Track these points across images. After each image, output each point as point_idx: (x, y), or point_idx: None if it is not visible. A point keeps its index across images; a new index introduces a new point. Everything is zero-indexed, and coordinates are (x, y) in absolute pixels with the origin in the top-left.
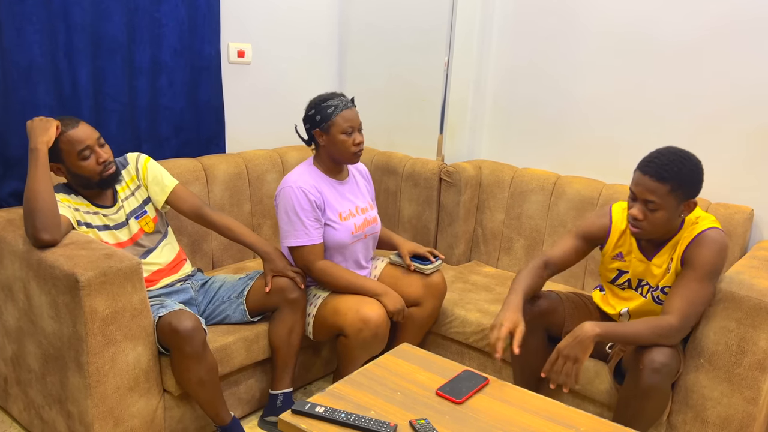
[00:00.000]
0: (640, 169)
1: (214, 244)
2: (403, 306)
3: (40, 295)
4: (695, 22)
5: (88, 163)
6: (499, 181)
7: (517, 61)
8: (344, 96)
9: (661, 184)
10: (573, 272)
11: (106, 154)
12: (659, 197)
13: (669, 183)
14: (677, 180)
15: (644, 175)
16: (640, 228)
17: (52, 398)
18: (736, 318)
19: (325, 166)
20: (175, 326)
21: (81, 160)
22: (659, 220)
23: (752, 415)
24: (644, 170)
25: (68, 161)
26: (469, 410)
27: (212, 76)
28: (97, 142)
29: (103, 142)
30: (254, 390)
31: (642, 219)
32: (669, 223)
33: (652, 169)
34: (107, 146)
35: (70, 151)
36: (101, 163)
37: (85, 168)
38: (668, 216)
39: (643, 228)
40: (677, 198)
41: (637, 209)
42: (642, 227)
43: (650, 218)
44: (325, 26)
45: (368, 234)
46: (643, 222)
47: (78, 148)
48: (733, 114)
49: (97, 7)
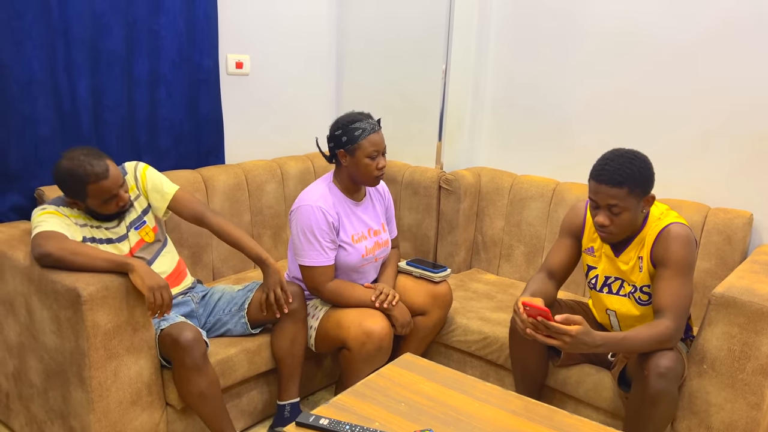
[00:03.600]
0: (594, 179)
1: (214, 255)
2: (410, 319)
3: (42, 309)
4: (693, 25)
5: (110, 206)
6: (498, 188)
7: (515, 68)
8: (372, 118)
9: (619, 188)
10: (574, 279)
11: (126, 197)
12: (620, 200)
13: (626, 185)
14: (632, 180)
15: (600, 183)
16: (608, 233)
17: (54, 413)
18: (739, 323)
19: (344, 186)
20: (175, 337)
21: (103, 204)
22: (625, 222)
23: (756, 421)
24: (599, 179)
25: (91, 203)
26: (474, 420)
27: (211, 88)
28: (120, 187)
29: (123, 181)
30: (257, 402)
31: (609, 224)
32: (634, 221)
33: (606, 176)
34: (126, 185)
35: (96, 198)
36: (121, 206)
37: (105, 209)
38: (632, 215)
39: (611, 233)
40: (636, 196)
41: (603, 216)
42: (610, 232)
43: (616, 222)
44: (323, 36)
45: (378, 257)
46: (610, 227)
47: (104, 197)
48: (732, 118)
49: (97, 21)
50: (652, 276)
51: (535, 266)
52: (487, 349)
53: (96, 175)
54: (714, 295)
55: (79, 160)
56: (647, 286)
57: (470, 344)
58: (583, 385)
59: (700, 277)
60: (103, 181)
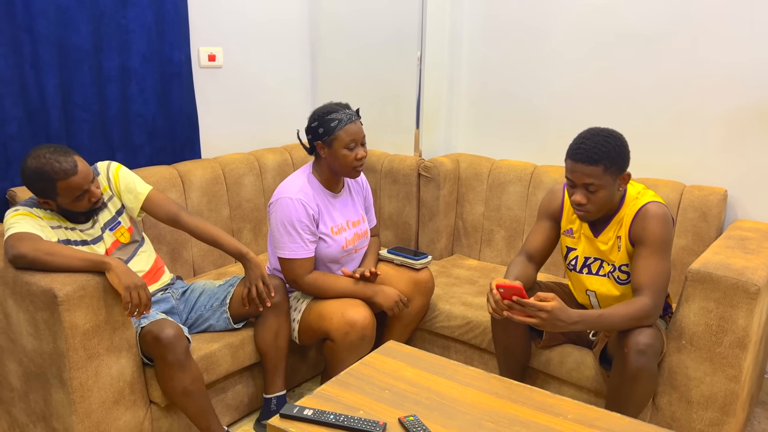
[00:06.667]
0: (570, 158)
1: (194, 251)
2: (398, 297)
3: (18, 312)
4: (665, 6)
5: (81, 203)
6: (477, 173)
7: (489, 54)
8: (349, 108)
9: (595, 166)
10: (554, 260)
11: (98, 192)
12: (596, 178)
13: (601, 163)
14: (608, 159)
15: (576, 162)
16: (586, 211)
17: (36, 416)
18: (715, 298)
19: (323, 177)
20: (156, 335)
21: (75, 201)
22: (601, 200)
23: (735, 393)
24: (575, 158)
25: (62, 202)
26: (458, 404)
27: (183, 81)
28: (91, 183)
29: (93, 177)
30: (242, 395)
31: (586, 203)
32: (611, 199)
33: (582, 155)
34: (96, 180)
35: (67, 196)
36: (93, 202)
37: (77, 206)
38: (609, 193)
39: (588, 211)
40: (612, 174)
41: (580, 195)
42: (587, 210)
43: (593, 200)
44: (296, 26)
45: (358, 248)
46: (587, 205)
47: (76, 194)
48: (705, 97)
49: (62, 16)
50: (630, 255)
51: (516, 250)
52: (470, 333)
53: (64, 172)
54: (690, 271)
55: (46, 158)
56: (626, 266)
57: (453, 329)
58: (565, 365)
59: (677, 254)
60: (72, 177)
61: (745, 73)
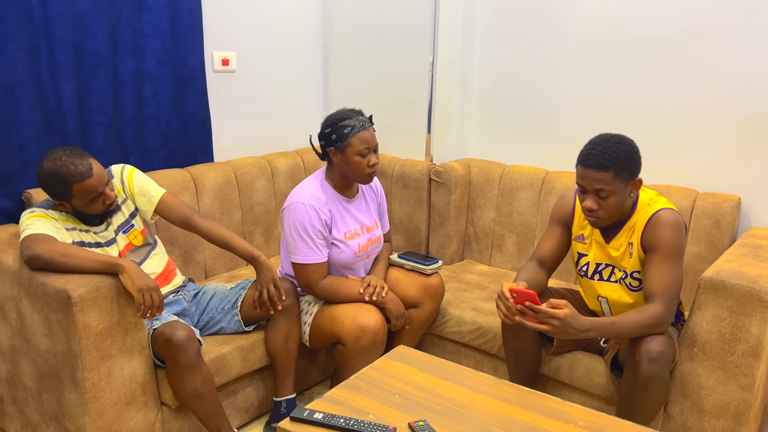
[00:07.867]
0: (581, 164)
1: (206, 254)
2: (403, 311)
3: (33, 312)
4: (678, 12)
5: (96, 206)
6: (488, 179)
7: (502, 59)
8: (362, 114)
9: (605, 172)
10: (565, 266)
11: (113, 195)
12: (607, 184)
13: (612, 169)
14: (618, 164)
15: (587, 168)
16: (597, 217)
17: (49, 416)
18: (728, 306)
19: (336, 183)
20: (168, 336)
21: (90, 204)
22: (612, 206)
23: (748, 402)
24: (586, 164)
25: (77, 204)
26: (467, 409)
27: (197, 85)
28: (106, 186)
29: (107, 180)
30: (252, 398)
31: (597, 208)
32: (622, 205)
33: (593, 161)
34: (111, 183)
35: (82, 198)
36: (107, 204)
37: (92, 209)
38: (620, 199)
39: (599, 217)
40: (623, 180)
41: (591, 200)
42: (598, 216)
43: (604, 206)
44: (308, 30)
45: (371, 254)
46: (598, 211)
47: (91, 197)
48: (719, 104)
49: (79, 21)
50: (642, 262)
51: (527, 255)
52: (480, 339)
53: (80, 175)
54: (703, 279)
55: (62, 161)
56: (638, 272)
57: (464, 335)
58: (575, 372)
59: (689, 261)
60: (88, 179)
61: (758, 80)
